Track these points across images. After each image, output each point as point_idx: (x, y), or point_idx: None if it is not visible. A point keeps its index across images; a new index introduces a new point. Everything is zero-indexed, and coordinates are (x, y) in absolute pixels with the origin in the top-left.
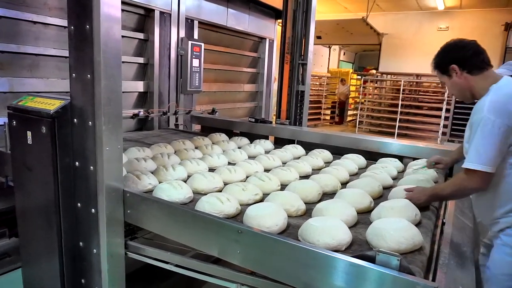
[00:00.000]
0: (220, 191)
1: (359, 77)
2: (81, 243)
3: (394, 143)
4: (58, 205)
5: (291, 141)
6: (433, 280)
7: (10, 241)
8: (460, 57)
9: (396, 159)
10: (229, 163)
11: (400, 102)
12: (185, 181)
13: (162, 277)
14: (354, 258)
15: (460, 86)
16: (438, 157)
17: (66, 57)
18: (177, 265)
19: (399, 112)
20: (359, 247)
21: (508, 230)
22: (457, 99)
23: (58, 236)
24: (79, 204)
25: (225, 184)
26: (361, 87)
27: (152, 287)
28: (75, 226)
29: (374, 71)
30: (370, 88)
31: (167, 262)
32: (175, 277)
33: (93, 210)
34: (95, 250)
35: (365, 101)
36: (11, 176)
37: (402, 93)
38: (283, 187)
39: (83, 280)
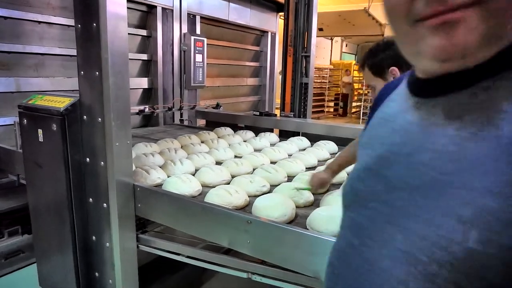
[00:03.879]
0: (228, 184)
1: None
2: (93, 238)
3: None
4: (70, 201)
5: (295, 134)
6: None
7: (23, 238)
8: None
9: None
10: (235, 157)
11: None
12: (193, 175)
13: (173, 269)
14: None
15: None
16: (322, 177)
17: (71, 55)
18: (188, 257)
19: None
20: None
21: None
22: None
23: (71, 231)
24: (90, 200)
25: (232, 176)
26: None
27: (164, 280)
28: (87, 221)
29: None
30: None
31: (178, 254)
32: (185, 269)
33: (104, 205)
34: (107, 244)
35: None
36: (23, 174)
37: None
38: (289, 178)
39: (96, 274)
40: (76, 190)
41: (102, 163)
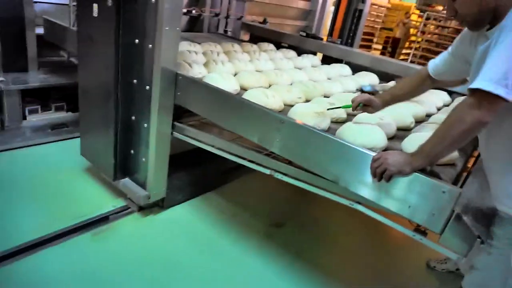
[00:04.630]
0: None
1: (422, 13)
2: (133, 117)
3: None
4: (116, 79)
5: (339, 61)
6: None
7: (68, 115)
8: None
9: (445, 93)
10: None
11: None
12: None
13: (200, 163)
14: None
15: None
16: (368, 97)
17: None
18: (218, 148)
19: None
20: None
21: None
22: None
23: (114, 108)
24: (135, 81)
25: (271, 85)
26: (422, 25)
27: (190, 171)
28: (130, 101)
29: (440, 7)
30: (432, 27)
31: (208, 145)
32: (211, 165)
33: (147, 87)
34: (145, 125)
35: (422, 40)
36: (73, 52)
37: None
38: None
39: (132, 151)
40: (123, 69)
41: (150, 45)
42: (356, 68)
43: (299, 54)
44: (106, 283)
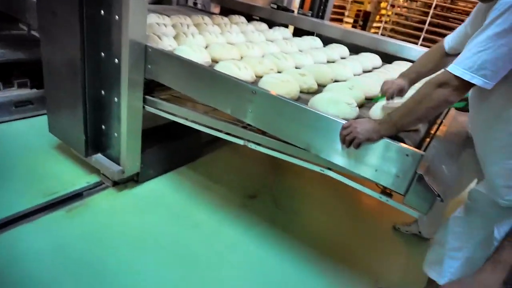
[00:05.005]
0: None
1: None
2: (103, 92)
3: (414, 48)
4: (83, 53)
5: (310, 33)
6: None
7: (32, 92)
8: None
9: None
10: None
11: (428, 19)
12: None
13: (174, 137)
14: None
15: None
16: (399, 85)
17: None
18: (191, 121)
19: (424, 30)
20: None
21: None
22: None
23: (82, 84)
24: (102, 54)
25: (242, 58)
26: None
27: (164, 145)
28: (98, 75)
29: None
30: (401, 0)
31: (182, 118)
32: (185, 139)
33: (116, 60)
34: (116, 99)
35: (392, 13)
36: (34, 25)
37: (434, 10)
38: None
39: (103, 126)
40: (89, 42)
41: (117, 17)
42: (327, 41)
43: (270, 26)
44: (83, 257)
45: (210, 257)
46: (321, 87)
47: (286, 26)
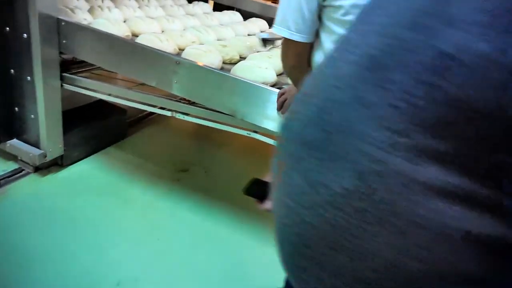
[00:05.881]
0: None
1: None
2: (12, 71)
3: None
4: None
5: (230, 8)
6: None
7: None
8: None
9: None
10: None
11: None
12: None
13: (98, 117)
14: (273, 88)
15: None
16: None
17: None
18: (115, 96)
19: None
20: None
21: None
22: None
23: None
24: (7, 29)
25: (163, 32)
26: None
27: (88, 126)
28: (5, 52)
29: None
30: None
31: (105, 94)
32: (110, 119)
33: (24, 35)
34: (29, 78)
35: None
36: None
37: None
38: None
39: (16, 109)
40: None
41: None
42: (247, 15)
43: (189, 1)
44: (9, 246)
45: (145, 229)
46: (242, 58)
47: (206, 1)
